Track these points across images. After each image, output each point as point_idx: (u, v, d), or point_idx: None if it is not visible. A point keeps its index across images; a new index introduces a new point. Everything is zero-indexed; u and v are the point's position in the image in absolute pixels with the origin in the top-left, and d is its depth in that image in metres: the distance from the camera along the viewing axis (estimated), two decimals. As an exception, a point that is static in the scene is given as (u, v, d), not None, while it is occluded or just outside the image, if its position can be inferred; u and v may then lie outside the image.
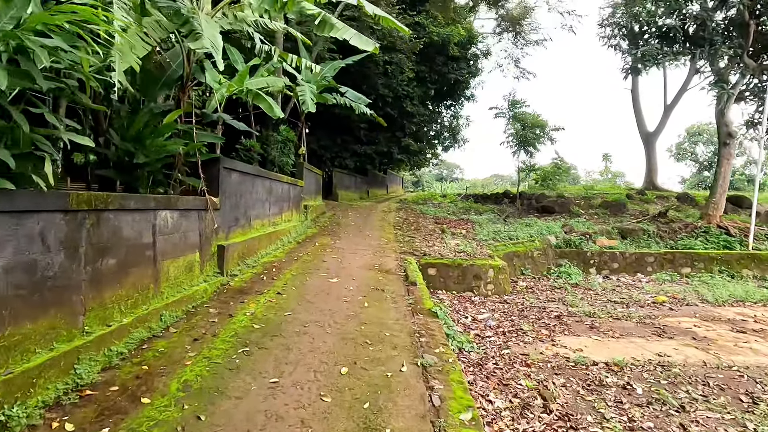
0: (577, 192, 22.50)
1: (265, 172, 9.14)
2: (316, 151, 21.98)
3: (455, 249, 10.06)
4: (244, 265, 7.33)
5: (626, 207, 18.69)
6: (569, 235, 13.18)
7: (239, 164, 7.60)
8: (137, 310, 4.34)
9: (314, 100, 12.14)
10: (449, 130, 29.15)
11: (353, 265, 8.15)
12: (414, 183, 64.87)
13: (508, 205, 22.38)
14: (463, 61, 26.79)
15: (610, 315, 7.70)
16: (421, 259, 9.02)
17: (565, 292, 9.69)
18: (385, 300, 6.06)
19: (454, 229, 14.45)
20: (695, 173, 56.78)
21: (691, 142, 57.27)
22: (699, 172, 56.02)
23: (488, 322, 6.92)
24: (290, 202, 11.57)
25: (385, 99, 22.53)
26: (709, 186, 16.56)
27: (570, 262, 12.21)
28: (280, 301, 5.70)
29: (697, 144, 57.32)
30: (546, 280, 11.07)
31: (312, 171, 15.28)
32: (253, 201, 8.35)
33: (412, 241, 11.29)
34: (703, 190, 40.89)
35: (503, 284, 9.34)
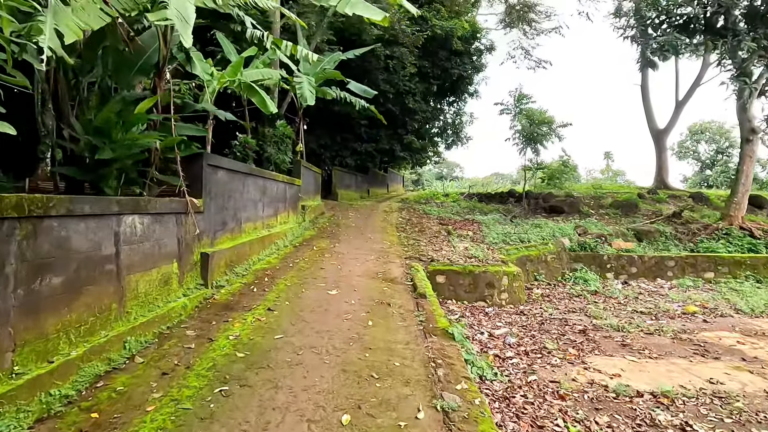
0: (585, 191, 21.71)
1: (257, 170, 8.36)
2: (316, 150, 21.19)
3: (465, 254, 9.28)
4: (232, 275, 6.55)
5: (638, 207, 17.92)
6: (583, 238, 12.41)
7: (226, 161, 6.82)
8: (93, 337, 3.55)
9: (313, 93, 11.36)
10: (452, 127, 28.34)
11: (354, 272, 7.36)
12: (414, 182, 64.09)
13: (514, 204, 21.61)
14: (467, 56, 25.98)
15: (640, 329, 6.92)
16: (429, 266, 8.24)
17: (585, 301, 8.91)
18: (392, 317, 5.28)
19: (460, 231, 13.67)
20: (697, 172, 56.19)
21: (693, 141, 56.64)
22: (701, 171, 55.45)
23: (507, 339, 6.13)
24: (286, 202, 10.78)
25: (386, 95, 21.73)
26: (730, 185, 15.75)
27: (586, 266, 11.44)
28: (271, 319, 4.91)
29: (699, 142, 56.75)
30: (562, 286, 10.29)
31: (310, 169, 14.50)
32: (244, 202, 7.57)
33: (417, 244, 10.51)
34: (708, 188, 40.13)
35: (518, 293, 8.56)
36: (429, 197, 26.09)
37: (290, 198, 11.22)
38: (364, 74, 20.63)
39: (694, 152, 57.71)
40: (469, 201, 23.51)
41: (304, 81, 11.41)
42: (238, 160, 11.26)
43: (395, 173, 42.09)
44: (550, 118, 21.32)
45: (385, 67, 21.95)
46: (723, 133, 55.48)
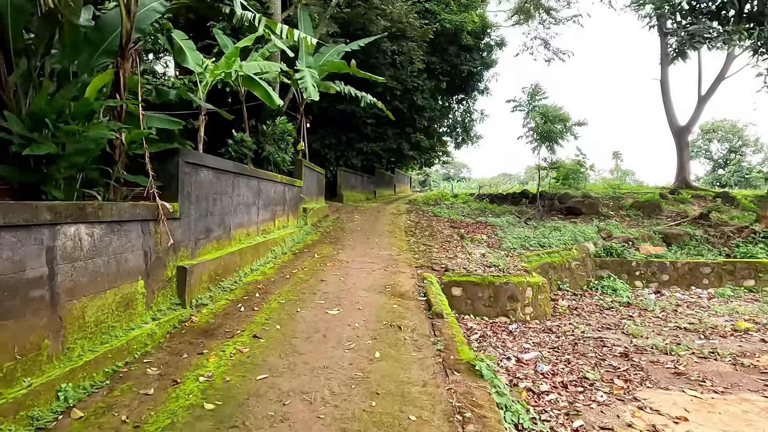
0: (603, 191, 20.68)
1: (250, 170, 7.48)
2: (320, 150, 20.37)
3: (482, 262, 8.34)
4: (218, 290, 5.67)
5: (661, 208, 16.86)
6: (609, 242, 11.42)
7: (212, 159, 5.94)
8: (8, 390, 2.67)
9: (317, 87, 10.48)
10: (462, 125, 27.38)
11: (359, 285, 6.45)
12: (422, 183, 63.16)
13: (528, 205, 20.60)
14: (477, 51, 25.04)
15: (691, 351, 5.95)
16: (443, 276, 7.32)
17: (618, 315, 7.95)
18: (404, 344, 4.36)
19: (473, 235, 12.73)
20: (710, 171, 55.02)
21: (706, 140, 55.44)
22: (713, 170, 54.27)
23: (539, 367, 5.20)
24: (286, 205, 9.91)
25: (393, 92, 20.86)
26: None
27: (613, 273, 10.46)
28: (256, 350, 4.02)
29: (711, 141, 55.56)
30: (589, 296, 9.32)
31: (313, 169, 13.63)
32: (235, 205, 6.69)
33: (429, 250, 9.58)
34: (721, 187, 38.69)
35: (544, 306, 7.62)
36: (437, 198, 25.15)
37: (290, 200, 10.34)
38: (370, 70, 19.64)
39: (706, 151, 56.47)
40: (480, 202, 22.54)
41: (306, 74, 10.55)
42: (233, 160, 10.45)
43: (402, 174, 41.18)
44: (566, 115, 20.33)
45: (392, 62, 21.06)
46: (736, 132, 54.09)
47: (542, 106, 20.53)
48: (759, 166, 52.83)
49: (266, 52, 12.02)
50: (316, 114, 19.81)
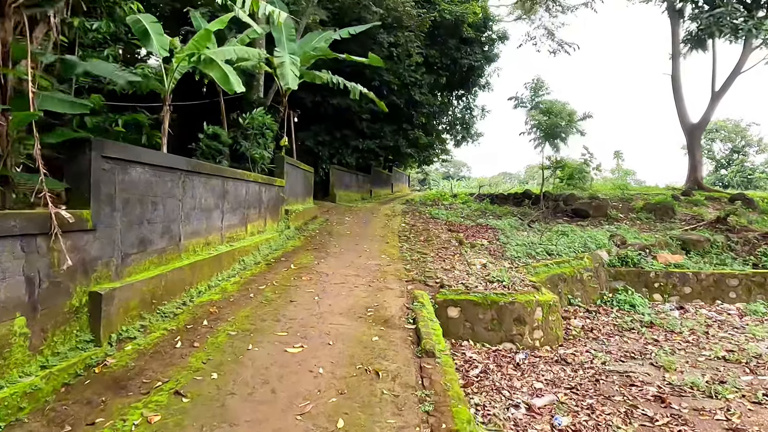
0: (611, 192, 19.56)
1: (210, 168, 6.35)
2: (312, 147, 19.23)
3: (483, 274, 7.21)
4: (155, 317, 4.55)
5: (674, 210, 15.76)
6: (623, 250, 10.30)
7: (147, 153, 4.82)
8: None
9: (297, 75, 9.35)
10: (462, 122, 26.21)
11: (336, 308, 5.34)
12: (421, 181, 62.02)
13: (531, 207, 19.49)
14: (478, 44, 23.88)
15: (740, 393, 4.84)
16: (438, 294, 6.20)
17: (641, 338, 6.84)
18: (380, 403, 3.25)
19: (473, 239, 11.62)
20: (712, 171, 54.08)
21: (708, 140, 54.53)
22: (716, 170, 53.35)
23: (557, 420, 4.08)
24: (262, 207, 8.79)
25: (390, 86, 19.72)
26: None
27: (629, 285, 9.35)
28: (170, 419, 2.89)
29: (714, 141, 54.69)
30: (604, 313, 8.21)
31: (298, 167, 12.51)
32: (187, 210, 5.57)
33: (423, 259, 8.46)
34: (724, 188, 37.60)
35: (555, 329, 6.50)
36: (436, 198, 24.05)
37: (268, 202, 9.23)
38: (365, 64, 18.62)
39: (708, 151, 55.56)
40: (480, 203, 21.44)
41: (285, 60, 9.41)
42: (205, 156, 9.35)
43: (400, 173, 40.06)
44: (571, 111, 19.23)
45: (389, 55, 19.91)
46: (739, 132, 53.10)
47: (546, 101, 19.44)
48: (762, 167, 51.89)
49: (246, 38, 10.91)
50: (308, 109, 18.69)
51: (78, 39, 9.10)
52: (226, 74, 7.02)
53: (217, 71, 7.11)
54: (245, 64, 10.79)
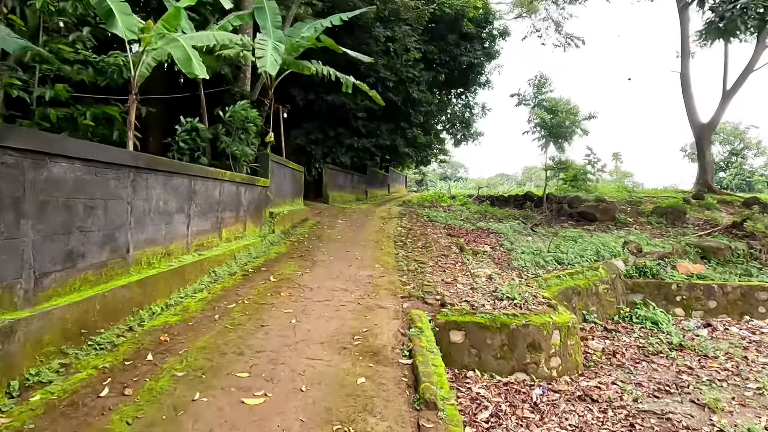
0: (618, 195, 18.70)
1: (170, 164, 5.40)
2: (305, 146, 18.31)
3: (490, 290, 6.29)
4: (85, 350, 3.62)
5: (686, 215, 14.90)
6: (640, 258, 9.41)
7: (75, 144, 3.88)
8: None
9: (279, 61, 8.41)
10: (461, 121, 25.28)
11: (316, 335, 4.41)
12: (418, 182, 61.15)
13: (534, 209, 18.62)
14: (478, 40, 23.00)
15: (810, 445, 3.95)
16: (438, 314, 5.28)
17: (671, 364, 5.93)
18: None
19: (475, 245, 10.72)
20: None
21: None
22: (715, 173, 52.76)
23: (593, 492, 3.17)
24: (241, 210, 7.86)
25: (386, 83, 18.79)
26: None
27: (648, 298, 8.46)
28: None
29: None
30: (624, 331, 7.30)
31: (286, 166, 11.57)
32: (138, 215, 4.64)
33: (421, 270, 7.55)
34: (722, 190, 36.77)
35: (575, 354, 5.60)
36: (434, 199, 23.16)
37: (249, 203, 8.30)
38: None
39: None
40: (480, 205, 20.57)
41: (268, 45, 8.48)
42: (182, 153, 8.43)
43: (398, 173, 39.16)
44: (576, 109, 18.38)
45: (386, 50, 19.01)
46: (738, 134, 52.57)
47: (550, 98, 18.59)
48: (761, 170, 51.39)
49: (228, 24, 9.98)
50: (301, 106, 17.77)
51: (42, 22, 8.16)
52: (189, 56, 6.09)
53: (179, 52, 6.17)
54: (228, 52, 9.87)
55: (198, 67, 6.36)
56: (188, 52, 6.01)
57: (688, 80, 19.76)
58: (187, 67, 6.32)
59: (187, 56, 6.01)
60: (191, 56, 5.98)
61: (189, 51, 6.02)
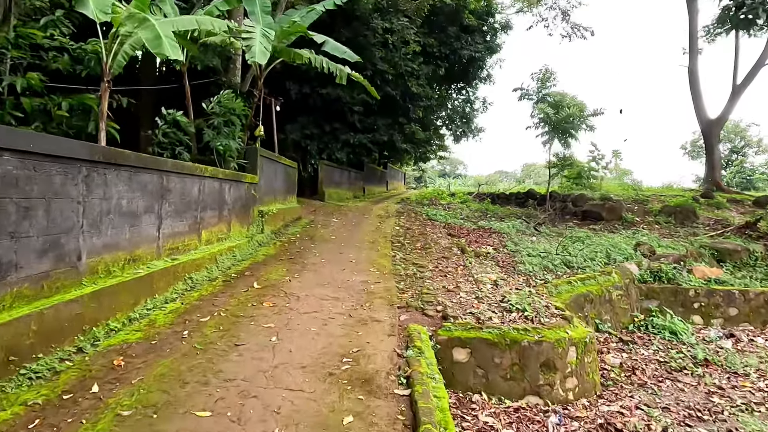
0: (623, 193, 18.10)
1: (137, 158, 4.74)
2: (300, 142, 17.66)
3: (497, 300, 5.67)
4: (15, 382, 3.00)
5: (696, 214, 14.31)
6: (654, 261, 8.80)
7: (8, 133, 3.24)
8: None
9: (268, 50, 7.76)
10: (461, 116, 24.62)
11: (298, 357, 3.79)
12: (417, 179, 60.52)
13: (536, 208, 18.02)
14: (479, 33, 22.35)
15: None
16: (440, 329, 4.67)
17: (699, 383, 5.33)
18: None
19: (477, 246, 10.12)
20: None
21: None
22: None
23: None
24: (225, 209, 7.24)
25: (384, 76, 18.14)
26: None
27: (664, 305, 7.86)
28: None
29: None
30: (641, 343, 6.70)
31: (277, 162, 10.92)
32: (95, 216, 4.01)
33: (420, 274, 6.94)
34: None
35: (591, 373, 5.00)
36: (433, 197, 22.56)
37: (234, 202, 7.67)
38: (357, 50, 16.89)
39: None
40: (480, 203, 19.97)
41: (256, 32, 7.83)
42: (162, 147, 7.80)
43: (396, 169, 38.54)
44: (582, 104, 17.74)
45: (383, 42, 18.34)
46: (738, 132, 52.07)
47: (555, 93, 17.94)
48: (762, 168, 50.97)
49: (214, 9, 9.31)
50: (295, 100, 17.11)
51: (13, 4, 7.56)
52: (159, 36, 5.44)
53: (148, 32, 5.52)
54: (213, 39, 9.22)
55: (169, 47, 5.71)
56: (158, 32, 5.35)
57: (696, 75, 19.14)
58: (156, 47, 5.68)
59: (156, 35, 5.36)
60: (161, 35, 5.33)
61: (159, 30, 5.37)
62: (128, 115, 8.88)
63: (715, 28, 19.60)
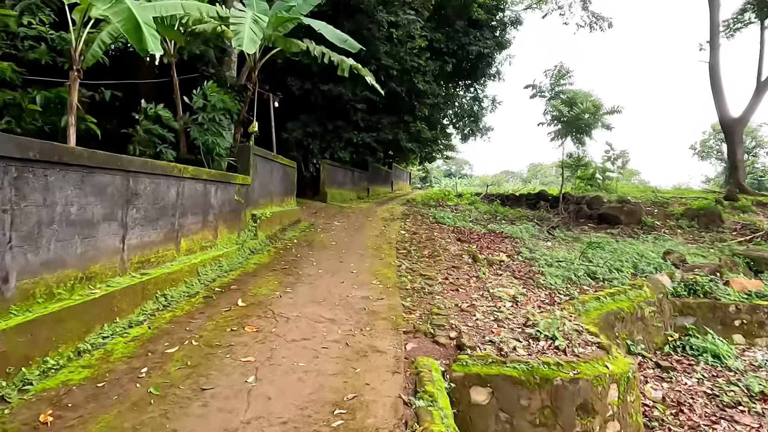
0: (641, 195, 17.21)
1: (90, 156, 3.94)
2: (302, 140, 16.91)
3: (519, 322, 4.87)
4: None
5: (721, 218, 13.42)
6: (688, 273, 7.96)
7: None
8: None
9: (259, 37, 6.98)
10: (469, 114, 23.76)
11: (278, 408, 3.00)
12: (422, 179, 59.69)
13: (548, 210, 17.20)
14: (488, 29, 21.51)
15: None
16: (455, 363, 3.87)
17: (761, 424, 4.51)
18: None
19: (490, 253, 9.32)
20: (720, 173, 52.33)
21: (717, 140, 52.82)
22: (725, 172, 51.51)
23: None
24: (210, 213, 6.47)
25: (389, 72, 17.35)
26: None
27: (701, 323, 7.03)
28: None
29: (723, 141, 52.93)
30: (682, 369, 5.87)
31: (274, 161, 10.14)
32: (29, 228, 3.24)
33: (429, 288, 6.14)
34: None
35: (635, 414, 4.19)
36: (439, 198, 21.77)
37: (222, 205, 6.91)
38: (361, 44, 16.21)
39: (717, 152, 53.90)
40: (489, 204, 19.17)
41: (246, 18, 7.03)
42: (141, 145, 7.07)
43: (401, 169, 37.73)
44: (597, 102, 16.89)
45: (388, 37, 17.57)
46: (749, 132, 51.03)
47: (569, 90, 17.10)
48: (775, 166, 50.05)
49: (208, -9, 8.56)
50: (297, 96, 16.36)
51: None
52: (139, 26, 4.67)
53: (124, 17, 4.75)
54: (203, 27, 8.47)
55: (151, 41, 4.93)
56: (136, 18, 4.58)
57: (717, 71, 18.19)
58: (137, 41, 4.91)
59: (134, 25, 4.59)
60: (140, 24, 4.56)
61: (137, 16, 4.59)
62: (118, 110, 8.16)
63: (735, 22, 18.67)
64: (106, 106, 8.08)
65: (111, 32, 6.92)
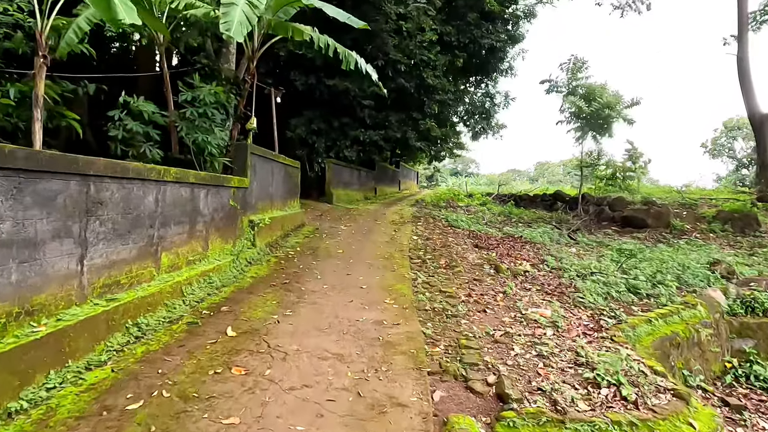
0: (667, 196, 16.24)
1: (26, 158, 3.08)
2: (307, 138, 16.06)
3: (568, 357, 3.98)
4: None
5: (758, 221, 12.45)
6: (743, 288, 7.03)
7: None
8: None
9: (252, 21, 6.11)
10: (480, 111, 22.80)
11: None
12: (428, 178, 58.76)
13: (566, 211, 16.26)
14: (501, 22, 20.55)
15: None
16: (498, 424, 2.99)
17: None
18: None
19: (512, 262, 8.45)
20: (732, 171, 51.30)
21: (729, 137, 51.66)
22: (737, 170, 50.43)
23: None
24: (199, 222, 5.63)
25: (396, 66, 16.45)
26: None
27: (762, 346, 6.12)
28: None
29: (735, 139, 51.87)
30: (756, 410, 4.97)
31: (274, 160, 9.28)
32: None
33: (452, 309, 5.27)
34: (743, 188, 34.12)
35: (725, 483, 3.30)
36: (449, 198, 20.89)
37: (214, 212, 6.06)
38: (368, 38, 15.31)
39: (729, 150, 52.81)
40: (503, 205, 18.26)
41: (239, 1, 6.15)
42: (125, 143, 6.23)
43: (409, 168, 36.87)
44: (616, 98, 15.94)
45: (396, 29, 16.66)
46: (763, 129, 49.82)
47: (587, 84, 16.16)
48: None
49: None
50: (301, 91, 15.51)
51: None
52: None
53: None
54: (195, 12, 7.61)
55: (123, 10, 4.09)
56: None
57: (746, 64, 17.17)
58: (107, 12, 4.08)
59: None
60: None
61: None
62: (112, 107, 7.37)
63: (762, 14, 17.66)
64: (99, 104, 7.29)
65: (89, 17, 6.13)
